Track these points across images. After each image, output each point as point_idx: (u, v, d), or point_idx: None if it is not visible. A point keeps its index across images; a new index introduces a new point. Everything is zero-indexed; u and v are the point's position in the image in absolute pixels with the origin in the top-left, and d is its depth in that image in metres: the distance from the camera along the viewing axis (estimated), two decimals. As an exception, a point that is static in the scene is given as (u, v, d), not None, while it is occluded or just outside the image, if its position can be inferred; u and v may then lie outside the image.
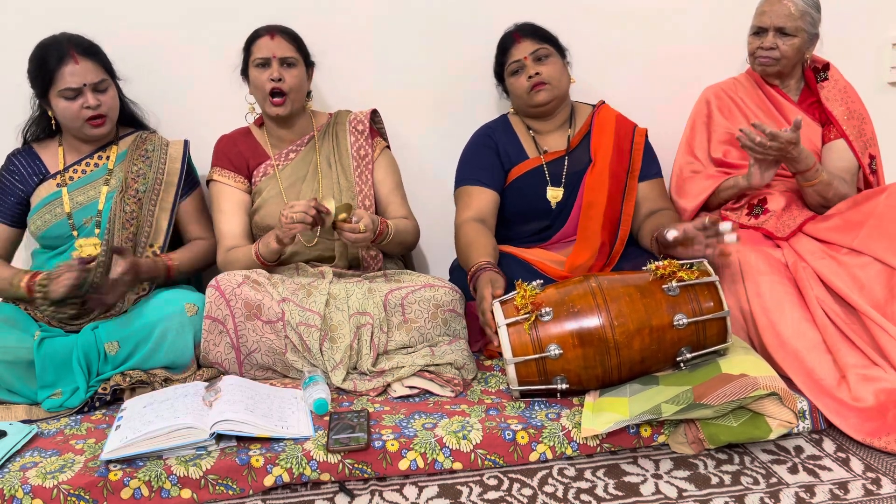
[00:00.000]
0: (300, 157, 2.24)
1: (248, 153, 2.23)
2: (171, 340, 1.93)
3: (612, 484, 1.58)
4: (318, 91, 2.43)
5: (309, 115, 2.29)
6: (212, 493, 1.56)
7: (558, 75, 2.21)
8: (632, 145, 2.25)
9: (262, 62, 2.13)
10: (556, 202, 2.24)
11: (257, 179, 2.22)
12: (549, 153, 2.27)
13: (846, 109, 2.28)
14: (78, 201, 2.10)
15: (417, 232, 2.26)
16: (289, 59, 2.13)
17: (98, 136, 2.09)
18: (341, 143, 2.26)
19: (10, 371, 1.87)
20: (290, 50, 2.14)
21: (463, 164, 2.30)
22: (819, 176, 2.11)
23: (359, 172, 2.23)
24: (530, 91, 2.20)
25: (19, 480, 1.52)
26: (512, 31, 2.28)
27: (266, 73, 2.12)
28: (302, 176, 2.22)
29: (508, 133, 2.31)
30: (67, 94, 2.00)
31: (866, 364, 1.83)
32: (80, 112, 2.02)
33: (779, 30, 2.22)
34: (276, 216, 2.13)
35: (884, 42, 2.71)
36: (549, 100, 2.21)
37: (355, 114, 2.31)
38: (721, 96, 2.38)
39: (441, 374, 1.92)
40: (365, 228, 1.95)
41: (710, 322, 1.78)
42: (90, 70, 2.02)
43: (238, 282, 1.96)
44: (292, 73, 2.13)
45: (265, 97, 2.14)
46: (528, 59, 2.20)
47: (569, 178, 2.24)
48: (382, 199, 2.27)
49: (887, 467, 1.62)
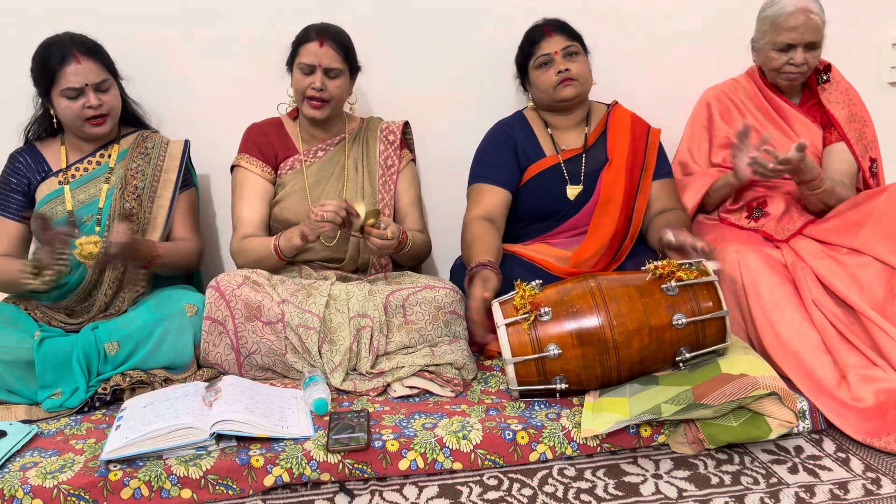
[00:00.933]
0: (328, 156, 2.24)
1: (278, 144, 2.23)
2: (171, 341, 1.93)
3: (612, 484, 1.58)
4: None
5: (344, 117, 2.29)
6: (212, 493, 1.56)
7: (587, 72, 2.23)
8: (646, 145, 2.27)
9: (307, 69, 2.11)
10: (575, 199, 2.24)
11: (283, 172, 2.22)
12: (567, 151, 2.28)
13: (848, 112, 2.28)
14: (79, 199, 2.10)
15: (430, 247, 2.29)
16: (333, 71, 2.11)
17: (99, 135, 2.09)
18: (370, 150, 2.27)
19: (10, 371, 1.87)
20: (336, 60, 2.11)
21: (478, 161, 2.30)
22: (823, 185, 2.11)
23: (383, 181, 2.24)
24: (558, 85, 2.20)
25: (19, 480, 1.53)
26: (542, 24, 2.27)
27: (308, 80, 2.10)
28: (327, 175, 2.22)
29: (526, 130, 2.31)
30: (69, 93, 2.01)
31: (866, 364, 1.83)
32: (81, 111, 2.02)
33: (808, 45, 2.21)
34: (296, 211, 2.15)
35: (884, 42, 2.71)
36: (575, 95, 2.22)
37: (387, 123, 2.31)
38: (721, 99, 2.37)
39: (441, 374, 1.92)
40: (392, 235, 1.96)
41: (709, 322, 1.78)
42: (92, 70, 2.02)
43: (238, 283, 1.96)
44: (335, 84, 2.12)
45: (304, 100, 2.13)
46: (558, 53, 2.20)
47: (586, 176, 2.25)
48: (401, 211, 2.27)
49: (887, 467, 1.62)
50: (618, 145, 2.24)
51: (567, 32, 2.24)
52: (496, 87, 2.49)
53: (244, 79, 2.40)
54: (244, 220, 2.17)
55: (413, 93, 2.51)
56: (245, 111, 2.29)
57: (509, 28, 2.34)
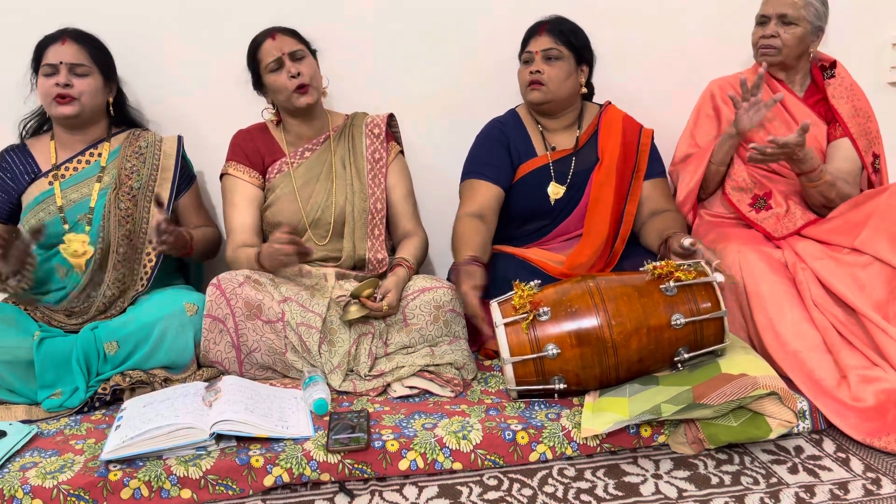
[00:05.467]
0: (315, 156, 2.23)
1: (264, 149, 2.23)
2: (171, 340, 1.92)
3: (612, 484, 1.58)
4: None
5: (326, 114, 2.28)
6: (212, 494, 1.56)
7: (559, 80, 2.19)
8: (638, 146, 2.26)
9: (274, 66, 2.12)
10: (556, 199, 2.24)
11: (271, 176, 2.22)
12: (557, 151, 2.27)
13: (852, 107, 2.27)
14: (71, 199, 2.09)
15: (427, 246, 2.27)
16: (297, 53, 2.12)
17: (65, 116, 2.06)
18: (357, 146, 2.26)
19: (10, 371, 1.87)
20: (294, 44, 2.13)
21: (471, 157, 2.30)
22: (823, 177, 2.11)
23: (372, 175, 2.23)
24: (527, 86, 2.21)
25: (19, 480, 1.52)
26: (543, 21, 2.25)
27: (283, 75, 2.10)
28: (316, 175, 2.22)
29: (519, 128, 2.30)
30: (46, 69, 2.05)
31: (867, 365, 1.83)
32: (51, 89, 2.04)
33: (780, 17, 2.21)
34: (286, 214, 2.16)
35: (884, 42, 2.71)
36: (541, 101, 2.21)
37: (372, 117, 2.30)
38: (726, 89, 2.35)
39: (441, 374, 1.92)
40: (388, 307, 1.96)
41: (708, 322, 1.78)
42: (73, 52, 2.06)
43: (239, 281, 1.96)
44: (306, 65, 2.13)
45: (290, 94, 2.13)
46: (538, 54, 2.19)
47: (575, 176, 2.24)
48: (393, 206, 2.26)
49: (887, 467, 1.62)
50: (608, 146, 2.23)
51: (560, 35, 2.19)
52: (496, 87, 2.48)
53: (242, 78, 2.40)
54: (236, 227, 2.17)
55: (413, 92, 2.50)
56: (240, 111, 2.28)
57: (509, 28, 2.34)
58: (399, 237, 2.25)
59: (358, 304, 1.96)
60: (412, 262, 2.12)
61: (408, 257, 2.12)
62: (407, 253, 2.15)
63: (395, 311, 2.00)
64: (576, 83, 2.24)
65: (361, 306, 1.95)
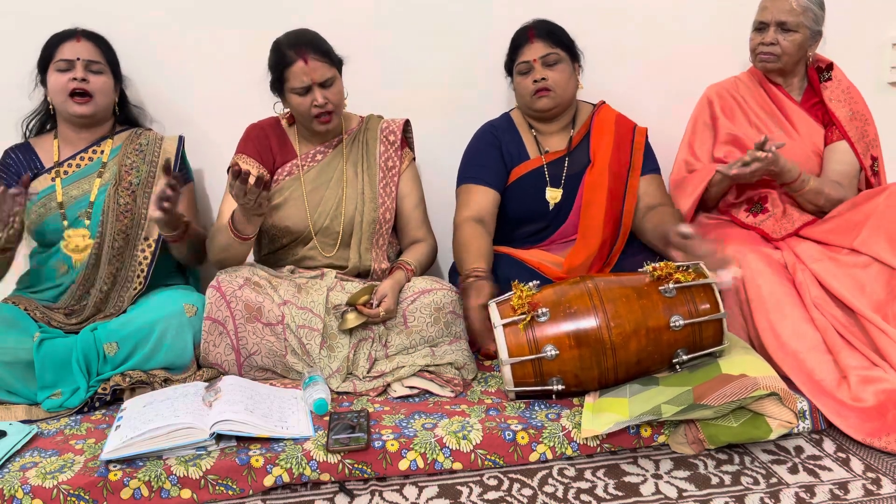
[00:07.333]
0: (327, 160, 2.18)
1: (276, 148, 2.18)
2: (171, 341, 1.92)
3: (612, 484, 1.58)
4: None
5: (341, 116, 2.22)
6: (212, 494, 1.56)
7: (564, 83, 2.19)
8: (632, 145, 2.24)
9: (301, 91, 2.03)
10: (555, 203, 2.23)
11: (280, 177, 2.17)
12: (550, 153, 2.27)
13: (849, 110, 2.27)
14: (72, 195, 2.10)
15: (435, 252, 2.25)
16: (328, 81, 2.03)
17: (81, 115, 2.08)
18: (370, 152, 2.20)
19: (10, 371, 1.87)
20: (326, 69, 2.02)
21: (466, 162, 2.29)
22: (805, 185, 2.12)
23: (384, 184, 2.18)
24: (533, 95, 2.19)
25: (19, 480, 1.53)
26: (527, 27, 2.22)
27: (309, 99, 2.03)
28: (326, 181, 2.16)
29: (512, 131, 2.30)
30: (60, 65, 2.06)
31: (867, 365, 1.83)
32: (67, 84, 2.05)
33: (780, 25, 2.21)
34: (295, 219, 2.12)
35: (884, 42, 2.71)
36: (550, 107, 2.20)
37: (387, 122, 2.24)
38: (724, 96, 2.36)
39: (441, 374, 1.92)
40: (386, 313, 1.94)
41: (707, 324, 1.78)
42: (89, 49, 2.09)
43: (239, 283, 1.96)
44: (333, 91, 2.05)
45: (312, 119, 2.07)
46: (537, 62, 2.17)
47: (568, 179, 2.24)
48: (404, 214, 2.22)
49: (887, 467, 1.62)
50: (600, 147, 2.22)
51: (552, 38, 2.18)
52: (495, 87, 2.48)
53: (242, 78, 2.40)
54: (224, 211, 2.09)
55: (412, 92, 2.50)
56: (242, 110, 2.28)
57: (510, 28, 2.34)
58: (408, 244, 2.23)
59: (355, 311, 1.95)
60: (413, 265, 2.10)
61: (409, 260, 2.11)
62: (409, 256, 2.13)
63: (393, 315, 1.98)
64: (576, 83, 2.25)
65: (358, 314, 1.95)
